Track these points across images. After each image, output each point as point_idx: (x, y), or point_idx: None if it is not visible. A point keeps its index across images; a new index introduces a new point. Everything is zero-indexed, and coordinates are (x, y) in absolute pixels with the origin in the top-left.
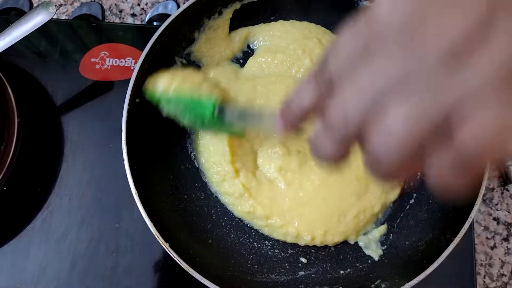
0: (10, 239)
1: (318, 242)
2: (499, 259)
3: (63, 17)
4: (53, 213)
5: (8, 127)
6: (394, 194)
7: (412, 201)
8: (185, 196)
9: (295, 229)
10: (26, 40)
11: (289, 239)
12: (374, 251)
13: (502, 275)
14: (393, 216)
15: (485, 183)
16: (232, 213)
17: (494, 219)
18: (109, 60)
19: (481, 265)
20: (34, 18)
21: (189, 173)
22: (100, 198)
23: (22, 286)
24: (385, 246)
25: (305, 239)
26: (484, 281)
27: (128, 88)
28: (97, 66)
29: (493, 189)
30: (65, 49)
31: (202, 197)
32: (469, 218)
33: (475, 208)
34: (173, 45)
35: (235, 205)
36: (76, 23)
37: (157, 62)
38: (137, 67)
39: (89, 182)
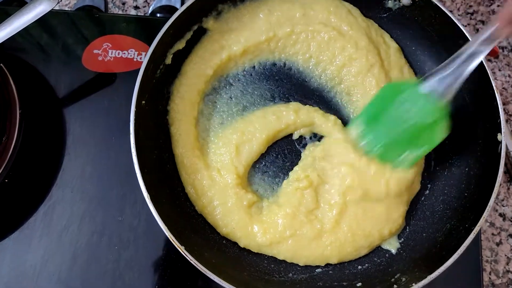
0: (11, 232)
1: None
2: (505, 255)
3: (66, 8)
4: (55, 205)
5: (10, 119)
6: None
7: (427, 192)
8: None
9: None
10: (28, 32)
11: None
12: (392, 245)
13: (508, 271)
14: (409, 208)
15: (501, 172)
16: None
17: (500, 215)
18: (112, 51)
19: (487, 261)
20: (36, 7)
21: None
22: (102, 191)
23: (23, 279)
24: (402, 239)
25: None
26: (489, 278)
27: (134, 90)
28: (100, 58)
29: (499, 184)
30: (68, 40)
31: None
32: (487, 206)
33: (493, 196)
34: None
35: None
36: (79, 15)
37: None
38: (142, 68)
39: (91, 175)
